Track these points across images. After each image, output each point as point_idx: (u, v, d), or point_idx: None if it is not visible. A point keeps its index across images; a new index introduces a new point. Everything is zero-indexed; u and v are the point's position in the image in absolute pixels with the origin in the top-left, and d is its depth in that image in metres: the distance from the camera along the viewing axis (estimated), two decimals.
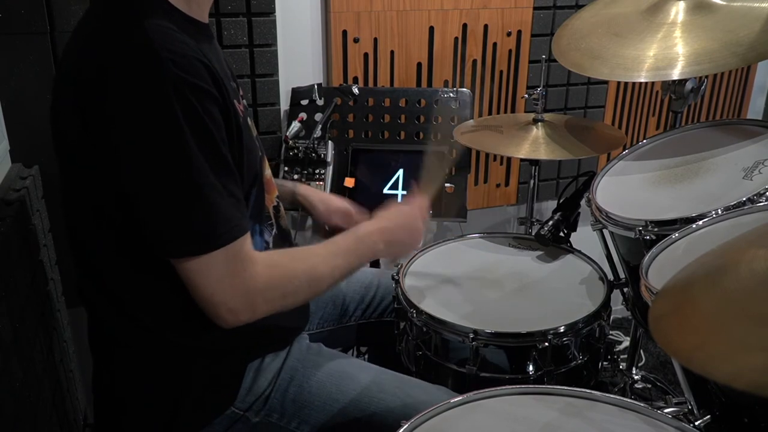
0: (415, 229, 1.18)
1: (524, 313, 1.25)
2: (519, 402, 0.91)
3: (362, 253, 1.11)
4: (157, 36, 0.86)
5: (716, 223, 1.13)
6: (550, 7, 1.96)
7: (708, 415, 0.89)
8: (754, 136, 1.35)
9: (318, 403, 1.08)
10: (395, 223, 1.16)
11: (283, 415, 1.08)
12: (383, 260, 1.85)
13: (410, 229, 1.18)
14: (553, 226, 1.47)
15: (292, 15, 1.75)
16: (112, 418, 1.09)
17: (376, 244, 1.12)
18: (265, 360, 1.10)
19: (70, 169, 0.97)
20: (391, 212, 1.18)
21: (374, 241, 1.12)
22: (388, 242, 1.14)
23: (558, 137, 1.61)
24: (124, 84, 0.85)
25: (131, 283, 0.99)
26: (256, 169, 1.06)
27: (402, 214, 1.18)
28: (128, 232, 0.94)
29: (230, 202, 0.92)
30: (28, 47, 1.46)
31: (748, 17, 1.33)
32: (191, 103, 0.86)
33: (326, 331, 1.38)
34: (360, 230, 1.13)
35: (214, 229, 0.90)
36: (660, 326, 0.74)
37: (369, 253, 1.13)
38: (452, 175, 1.78)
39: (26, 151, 1.49)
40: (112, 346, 1.06)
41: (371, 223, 1.15)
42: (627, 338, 2.16)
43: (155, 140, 0.86)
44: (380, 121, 1.78)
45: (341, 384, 1.10)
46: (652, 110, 2.25)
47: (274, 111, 1.79)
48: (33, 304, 1.26)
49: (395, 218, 1.17)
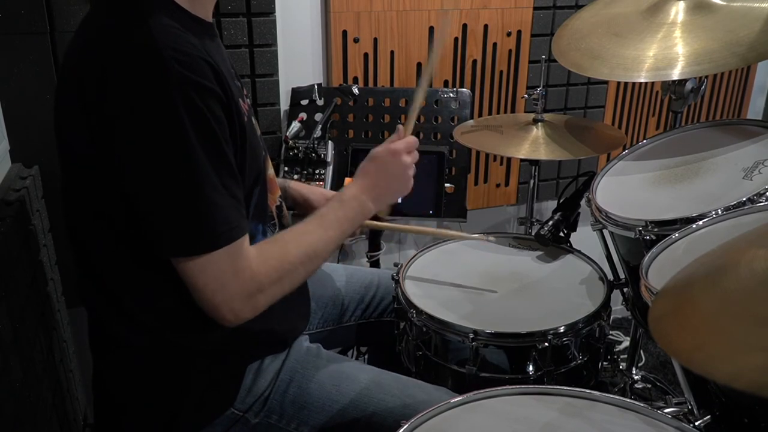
0: (399, 172, 1.14)
1: (524, 313, 1.25)
2: (519, 402, 0.91)
3: (352, 216, 1.10)
4: (161, 35, 0.86)
5: (716, 223, 1.13)
6: (550, 7, 1.96)
7: (708, 415, 0.89)
8: (754, 136, 1.35)
9: (317, 404, 1.08)
10: (377, 175, 1.13)
11: (282, 416, 1.08)
12: (382, 257, 1.87)
13: (395, 174, 1.14)
14: (553, 226, 1.47)
15: (292, 15, 1.75)
16: (112, 418, 1.09)
17: (364, 204, 1.11)
18: (264, 361, 1.10)
19: (72, 168, 0.97)
20: (369, 164, 1.14)
21: (361, 201, 1.11)
22: (375, 197, 1.12)
23: (558, 137, 1.61)
24: (128, 83, 0.85)
25: (131, 283, 0.99)
26: (259, 168, 1.06)
27: (382, 162, 1.14)
28: (129, 233, 0.94)
29: (231, 203, 0.92)
30: (28, 47, 1.46)
31: (748, 17, 1.33)
32: (195, 102, 0.86)
33: (326, 331, 1.38)
34: (344, 195, 1.11)
35: (214, 230, 0.90)
36: (660, 326, 0.74)
37: (359, 215, 1.11)
38: (452, 175, 1.78)
39: (26, 151, 1.49)
40: (112, 347, 1.06)
41: (353, 185, 1.13)
42: (627, 338, 2.16)
43: (158, 139, 0.86)
44: (380, 121, 1.78)
45: (341, 385, 1.10)
46: (652, 110, 2.25)
47: (274, 111, 1.79)
48: (33, 304, 1.26)
49: (376, 169, 1.13)
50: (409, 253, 1.62)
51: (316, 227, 1.06)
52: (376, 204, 1.13)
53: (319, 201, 1.36)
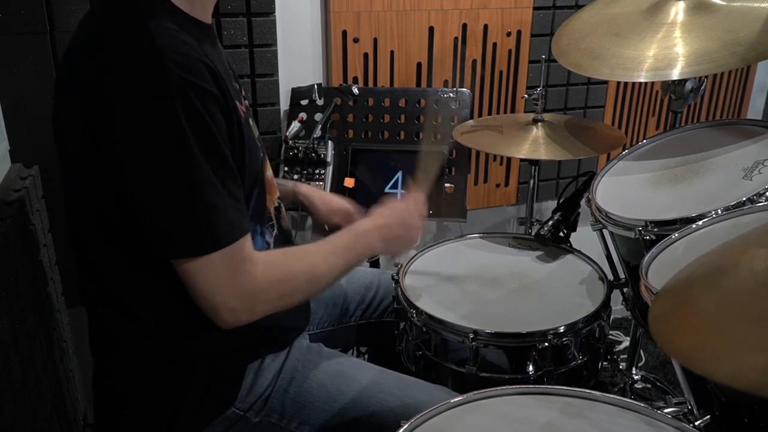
0: (412, 225, 1.18)
1: (524, 313, 1.25)
2: (519, 402, 0.91)
3: (360, 250, 1.11)
4: (160, 36, 0.86)
5: (716, 223, 1.13)
6: (550, 7, 1.96)
7: (708, 415, 0.89)
8: (754, 136, 1.35)
9: (318, 403, 1.08)
10: (392, 220, 1.16)
11: (283, 416, 1.08)
12: (382, 257, 1.86)
13: (407, 225, 1.18)
14: (553, 226, 1.47)
15: (292, 15, 1.75)
16: (112, 418, 1.09)
17: (373, 241, 1.13)
18: (265, 360, 1.10)
19: (72, 169, 0.97)
20: (388, 209, 1.18)
21: (371, 238, 1.12)
22: (385, 239, 1.14)
23: (558, 137, 1.61)
24: (127, 84, 0.85)
25: (132, 283, 0.99)
26: (258, 169, 1.06)
27: (398, 211, 1.18)
28: (129, 233, 0.94)
29: (231, 203, 0.92)
30: (28, 47, 1.46)
31: (748, 17, 1.33)
32: (193, 104, 0.86)
33: (326, 331, 1.38)
34: (357, 228, 1.13)
35: (214, 230, 0.90)
36: (660, 326, 0.74)
37: (366, 250, 1.13)
38: (452, 175, 1.78)
39: (26, 151, 1.49)
40: (112, 347, 1.06)
41: (368, 221, 1.15)
42: (627, 338, 2.16)
43: (157, 140, 0.86)
44: (380, 121, 1.78)
45: (341, 384, 1.10)
46: (652, 110, 2.25)
47: (274, 111, 1.79)
48: (33, 304, 1.26)
49: (392, 215, 1.17)
50: (409, 252, 1.62)
51: (324, 251, 1.07)
52: (384, 246, 1.15)
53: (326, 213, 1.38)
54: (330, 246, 1.08)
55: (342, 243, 1.10)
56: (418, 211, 1.20)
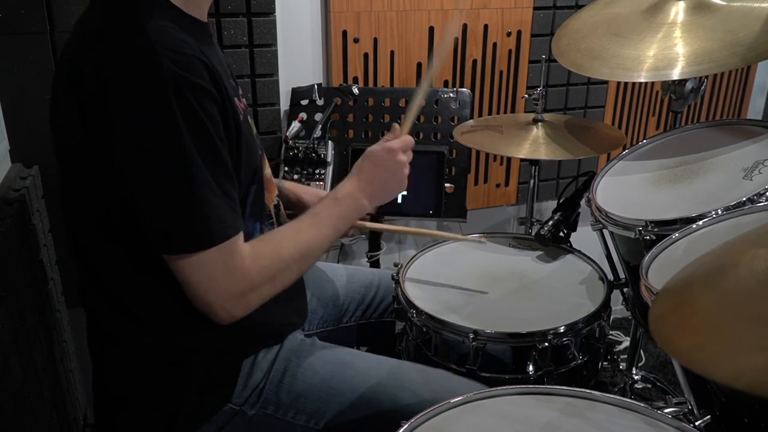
0: (395, 171, 1.14)
1: (524, 313, 1.25)
2: (519, 402, 0.91)
3: (347, 215, 1.10)
4: (156, 34, 0.86)
5: (716, 223, 1.13)
6: (550, 7, 1.96)
7: (708, 415, 0.89)
8: (754, 136, 1.35)
9: (313, 392, 1.08)
10: (372, 172, 1.13)
11: (278, 407, 1.08)
12: (383, 257, 1.86)
13: (390, 172, 1.14)
14: (553, 226, 1.47)
15: (292, 15, 1.75)
16: (112, 417, 1.09)
17: (358, 201, 1.11)
18: (259, 354, 1.10)
19: (68, 167, 0.98)
20: (367, 160, 1.14)
21: (356, 198, 1.11)
22: (370, 195, 1.12)
23: (558, 137, 1.61)
24: (123, 82, 0.86)
25: (130, 282, 1.00)
26: (255, 166, 1.06)
27: (376, 160, 1.14)
28: (127, 231, 0.94)
29: (225, 201, 0.92)
30: (28, 47, 1.46)
31: (748, 17, 1.33)
32: (189, 102, 0.86)
33: (326, 332, 1.38)
34: (338, 193, 1.11)
35: (207, 228, 0.90)
36: (660, 326, 0.74)
37: (354, 213, 1.11)
38: (452, 175, 1.78)
39: (26, 151, 1.49)
40: (110, 345, 1.06)
41: (349, 181, 1.13)
42: (627, 338, 2.16)
43: (152, 137, 0.87)
44: (380, 121, 1.78)
45: (336, 371, 1.10)
46: (652, 110, 2.25)
47: (274, 111, 1.79)
48: (33, 304, 1.26)
49: (370, 167, 1.13)
50: (409, 253, 1.62)
51: (310, 225, 1.06)
52: (371, 202, 1.13)
53: (312, 201, 1.35)
54: (314, 219, 1.07)
55: (326, 213, 1.08)
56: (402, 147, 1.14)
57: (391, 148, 1.14)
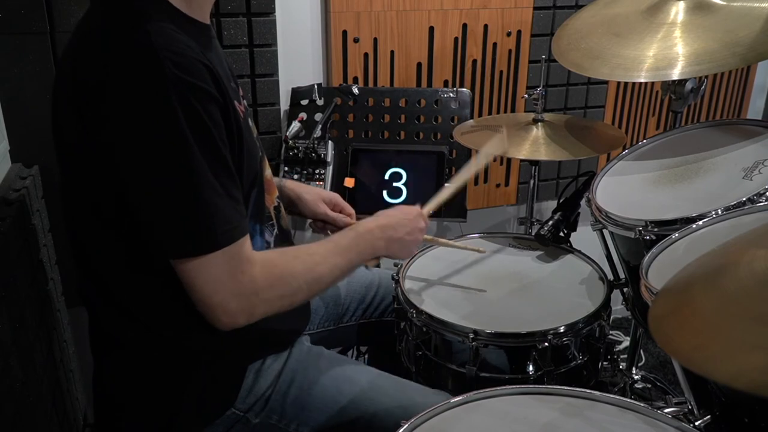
0: (415, 229, 1.18)
1: (524, 313, 1.25)
2: (519, 402, 0.91)
3: (361, 250, 1.11)
4: (158, 36, 0.86)
5: (716, 223, 1.13)
6: (550, 7, 1.96)
7: (708, 415, 0.89)
8: (754, 136, 1.35)
9: (318, 405, 1.08)
10: (395, 221, 1.16)
11: (282, 417, 1.08)
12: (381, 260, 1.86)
13: (410, 228, 1.18)
14: (553, 226, 1.47)
15: (292, 15, 1.75)
16: (112, 418, 1.09)
17: (375, 241, 1.12)
18: (266, 361, 1.10)
19: (70, 169, 0.97)
20: (393, 211, 1.18)
21: (374, 237, 1.12)
22: (388, 239, 1.13)
23: (558, 137, 1.61)
24: (125, 84, 0.85)
25: (131, 283, 0.99)
26: (256, 169, 1.06)
27: (402, 213, 1.18)
28: (128, 233, 0.94)
29: (229, 203, 0.92)
30: (28, 47, 1.46)
31: (748, 17, 1.33)
32: (192, 104, 0.86)
33: (327, 331, 1.38)
34: (359, 227, 1.13)
35: (213, 230, 0.90)
36: (660, 326, 0.74)
37: (368, 250, 1.12)
38: (452, 175, 1.77)
39: (26, 151, 1.49)
40: (112, 347, 1.06)
41: (371, 221, 1.15)
42: (627, 338, 2.16)
43: (155, 140, 0.86)
44: (380, 121, 1.78)
45: (342, 386, 1.10)
46: (652, 110, 2.25)
47: (274, 111, 1.79)
48: (33, 304, 1.26)
49: (396, 216, 1.17)
50: None
51: (325, 251, 1.06)
52: (387, 247, 1.14)
53: (313, 200, 1.36)
54: (331, 245, 1.08)
55: (344, 242, 1.09)
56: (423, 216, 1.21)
57: (421, 214, 1.21)
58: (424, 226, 1.21)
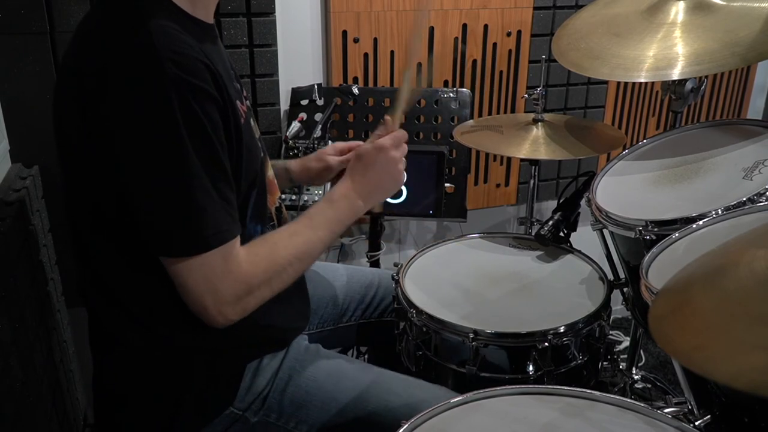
0: (389, 168, 1.13)
1: (524, 313, 1.25)
2: (519, 402, 0.91)
3: (342, 217, 1.09)
4: (159, 36, 0.86)
5: (716, 223, 1.13)
6: (550, 7, 1.96)
7: (708, 415, 0.89)
8: (754, 136, 1.35)
9: (316, 402, 1.08)
10: (365, 173, 1.12)
11: (281, 415, 1.08)
12: (383, 256, 1.86)
13: (384, 170, 1.12)
14: (553, 226, 1.47)
15: (292, 15, 1.75)
16: (112, 418, 1.09)
17: (353, 202, 1.10)
18: (263, 360, 1.10)
19: (71, 168, 0.97)
20: (358, 163, 1.13)
21: (351, 199, 1.10)
22: (365, 195, 1.11)
23: (558, 137, 1.61)
24: (124, 83, 0.85)
25: (131, 283, 0.99)
26: (257, 169, 1.06)
27: (369, 159, 1.12)
28: (127, 232, 0.94)
29: (222, 206, 0.92)
30: (28, 47, 1.46)
31: (748, 17, 1.33)
32: (190, 104, 0.86)
33: (326, 331, 1.38)
34: (333, 194, 1.10)
35: (204, 232, 0.90)
36: (660, 326, 0.74)
37: (350, 214, 1.10)
38: (452, 175, 1.78)
39: (26, 151, 1.49)
40: (112, 346, 1.06)
41: (343, 183, 1.12)
42: (627, 338, 2.15)
43: (152, 139, 0.87)
44: (380, 121, 1.77)
45: (339, 383, 1.10)
46: (652, 110, 2.25)
47: (274, 111, 1.80)
48: (33, 304, 1.27)
49: (363, 168, 1.12)
50: (409, 253, 1.63)
51: (305, 228, 1.05)
52: (366, 202, 1.12)
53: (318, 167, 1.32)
54: (310, 221, 1.06)
55: (321, 215, 1.07)
56: (393, 143, 1.13)
57: (382, 146, 1.12)
58: (394, 155, 1.12)
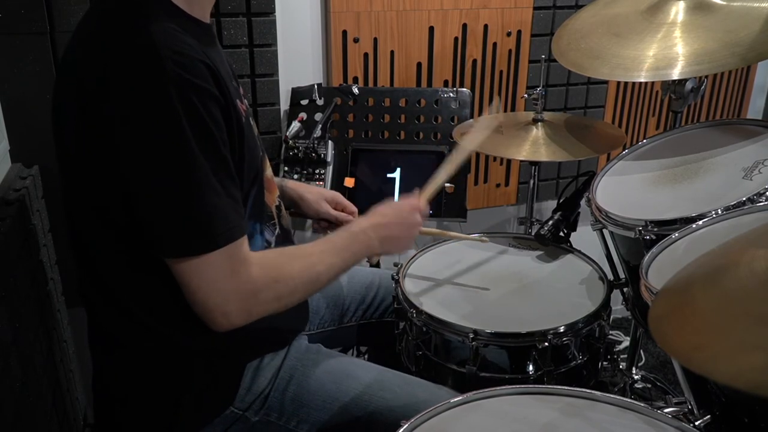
0: (410, 225, 1.17)
1: (524, 313, 1.25)
2: (519, 402, 0.91)
3: (357, 249, 1.10)
4: (160, 36, 0.86)
5: (716, 223, 1.13)
6: (550, 7, 1.96)
7: (708, 415, 0.89)
8: (754, 136, 1.35)
9: (317, 401, 1.08)
10: (390, 219, 1.15)
11: (282, 414, 1.08)
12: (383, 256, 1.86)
13: (406, 225, 1.17)
14: (553, 226, 1.47)
15: (292, 15, 1.75)
16: (112, 418, 1.09)
17: (370, 240, 1.12)
18: (264, 359, 1.10)
19: (71, 168, 0.97)
20: (387, 207, 1.17)
21: (369, 237, 1.12)
22: (382, 238, 1.13)
23: (558, 137, 1.61)
24: (126, 83, 0.85)
25: (131, 283, 0.99)
26: (257, 168, 1.06)
27: (397, 210, 1.17)
28: (128, 232, 0.94)
29: (229, 203, 0.92)
30: (28, 47, 1.46)
31: (748, 17, 1.33)
32: (193, 104, 0.86)
33: (327, 331, 1.38)
34: (354, 226, 1.13)
35: (211, 230, 0.90)
36: (660, 326, 0.74)
37: (364, 249, 1.12)
38: (452, 175, 1.77)
39: (26, 151, 1.49)
40: (112, 346, 1.06)
41: (366, 219, 1.15)
42: (627, 338, 2.16)
43: (155, 140, 0.86)
44: (380, 121, 1.78)
45: (341, 382, 1.10)
46: (652, 110, 2.25)
47: (274, 111, 1.79)
48: (33, 304, 1.27)
49: (390, 214, 1.16)
50: (409, 253, 1.62)
51: (321, 251, 1.06)
52: (382, 247, 1.14)
53: (316, 200, 1.37)
54: (327, 245, 1.08)
55: (339, 242, 1.09)
56: (418, 211, 1.19)
57: (415, 205, 1.18)
58: (419, 220, 1.19)
